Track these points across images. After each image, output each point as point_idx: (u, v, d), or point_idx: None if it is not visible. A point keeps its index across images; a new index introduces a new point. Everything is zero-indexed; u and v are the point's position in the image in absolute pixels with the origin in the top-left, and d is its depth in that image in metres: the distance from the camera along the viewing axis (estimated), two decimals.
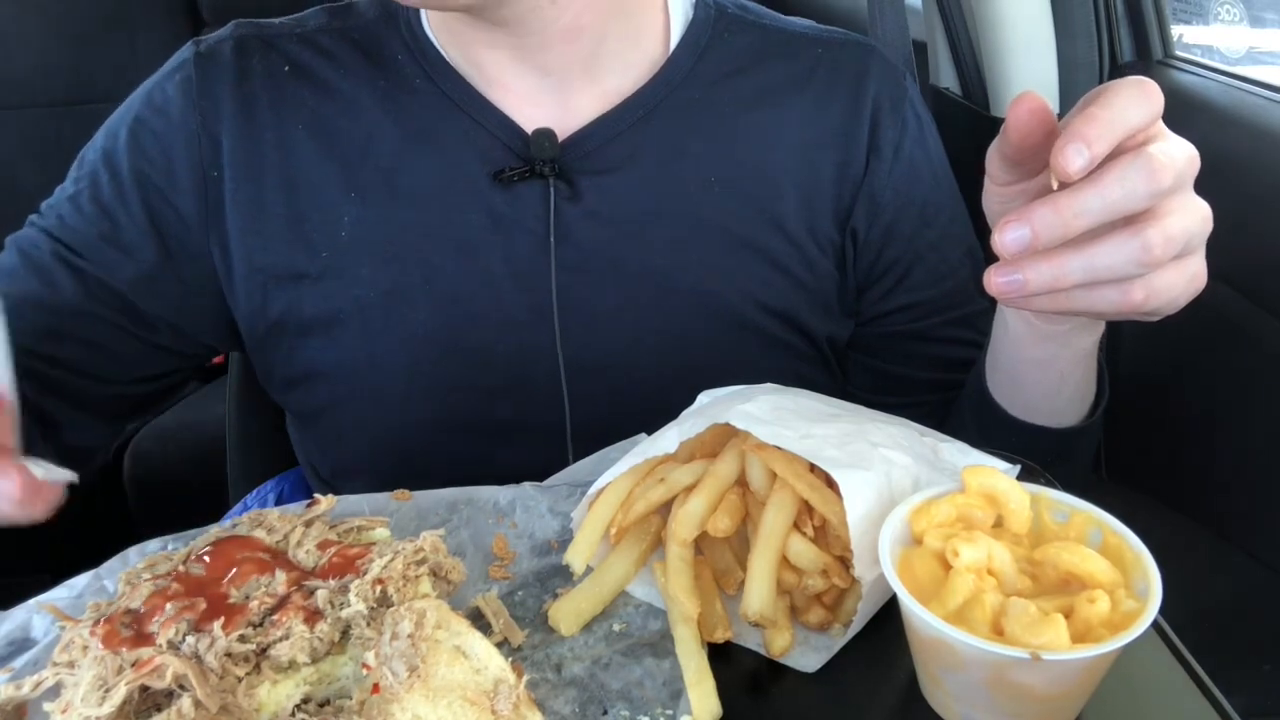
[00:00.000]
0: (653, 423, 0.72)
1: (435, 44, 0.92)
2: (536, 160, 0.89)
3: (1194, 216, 0.61)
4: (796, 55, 0.97)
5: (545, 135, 0.89)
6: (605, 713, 0.57)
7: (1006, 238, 0.58)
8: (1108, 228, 0.59)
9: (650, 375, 0.91)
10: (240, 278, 0.90)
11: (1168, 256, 0.59)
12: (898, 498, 0.60)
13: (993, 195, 0.70)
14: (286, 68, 0.92)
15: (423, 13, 0.93)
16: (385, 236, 0.89)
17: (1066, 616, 0.51)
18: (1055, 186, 0.59)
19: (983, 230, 0.73)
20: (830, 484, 0.60)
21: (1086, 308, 0.62)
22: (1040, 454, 0.78)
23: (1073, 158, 0.56)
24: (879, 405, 0.99)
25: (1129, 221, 0.59)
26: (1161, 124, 0.60)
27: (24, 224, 0.92)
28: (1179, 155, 0.59)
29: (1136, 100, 0.58)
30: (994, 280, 0.59)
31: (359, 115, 0.91)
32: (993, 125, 1.66)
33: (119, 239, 0.88)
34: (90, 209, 0.89)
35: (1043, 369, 0.83)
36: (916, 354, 0.99)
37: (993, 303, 0.78)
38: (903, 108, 0.97)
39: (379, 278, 0.89)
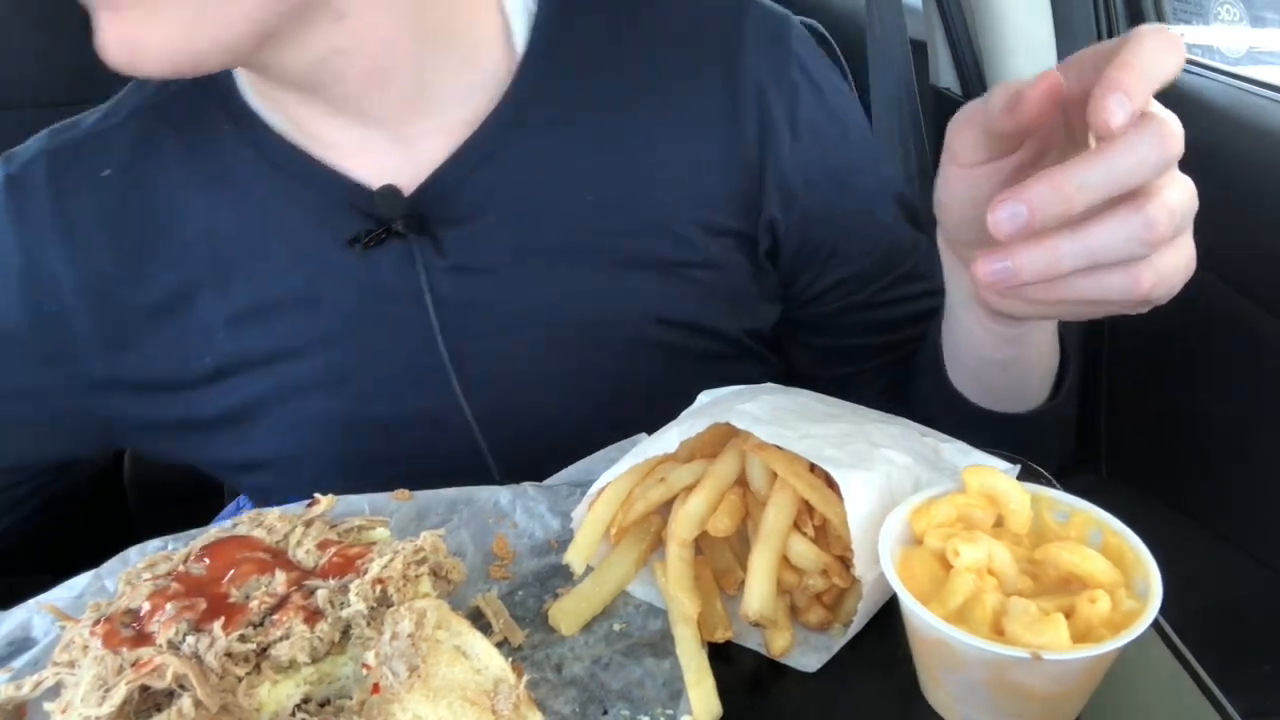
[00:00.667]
0: (581, 456, 0.73)
1: (258, 111, 0.83)
2: (389, 221, 0.80)
3: (1186, 190, 0.57)
4: (656, 31, 0.86)
5: (388, 194, 0.81)
6: (605, 712, 0.57)
7: (1000, 216, 0.53)
8: (1101, 208, 0.54)
9: (566, 414, 0.85)
10: (118, 402, 0.85)
11: (1170, 233, 0.55)
12: (898, 498, 0.60)
13: (956, 180, 0.64)
14: (106, 172, 0.83)
15: (237, 78, 0.83)
16: (260, 331, 0.83)
17: (1067, 616, 0.51)
18: (1091, 142, 0.54)
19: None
20: (831, 484, 0.60)
21: (1089, 297, 0.57)
22: (1012, 437, 0.76)
23: (1115, 110, 0.51)
24: (831, 379, 0.97)
25: (1126, 198, 0.54)
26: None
27: None
28: (1177, 121, 0.55)
29: (1166, 49, 0.53)
30: (983, 271, 0.55)
31: (196, 211, 0.83)
32: None
33: None
34: None
35: (1004, 368, 0.79)
36: (865, 322, 0.94)
37: (934, 243, 0.74)
38: (789, 72, 0.86)
39: (264, 375, 0.84)
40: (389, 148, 0.82)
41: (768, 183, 0.86)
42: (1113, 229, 0.54)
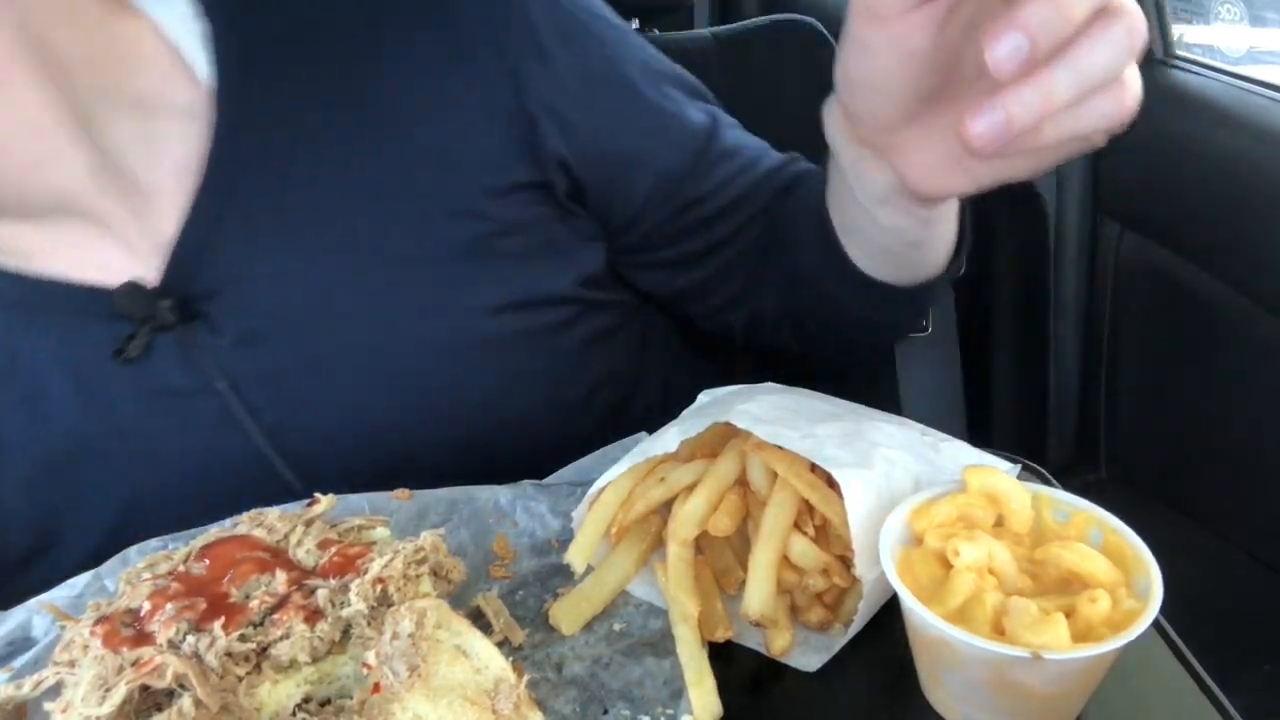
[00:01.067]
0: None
1: None
2: (146, 317, 0.72)
3: None
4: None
5: (129, 291, 0.72)
6: (606, 712, 0.57)
7: (1000, 53, 0.47)
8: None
9: (422, 451, 0.78)
10: None
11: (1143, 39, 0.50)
12: (898, 497, 0.60)
13: (875, 43, 0.55)
14: None
15: None
16: (63, 479, 0.76)
17: (1067, 616, 0.51)
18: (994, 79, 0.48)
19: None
20: (831, 483, 0.60)
21: (1072, 132, 0.51)
22: (905, 304, 0.75)
23: (1012, 53, 0.47)
24: (690, 293, 0.89)
25: (1098, 14, 0.49)
26: None
27: None
28: None
29: None
30: (973, 129, 0.49)
31: None
32: None
33: None
34: None
35: (915, 248, 0.74)
36: (697, 220, 0.85)
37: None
38: (509, 1, 0.78)
39: (85, 531, 0.76)
40: (103, 246, 0.73)
41: (536, 117, 0.78)
42: (1100, 45, 0.49)
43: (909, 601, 0.53)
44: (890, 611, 0.59)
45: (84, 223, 0.72)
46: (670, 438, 0.64)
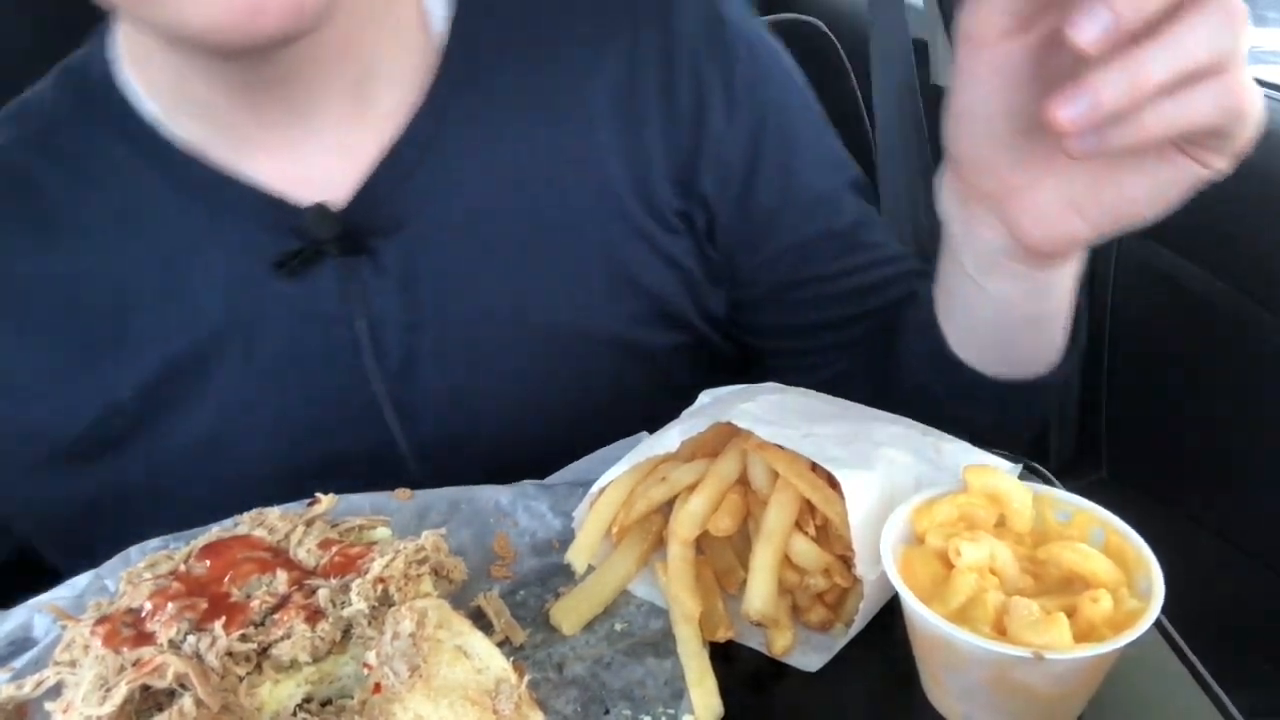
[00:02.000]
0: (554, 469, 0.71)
1: (158, 127, 0.76)
2: (321, 240, 0.75)
3: None
4: (576, 3, 0.82)
5: (318, 213, 0.75)
6: (607, 712, 0.57)
7: (1085, 31, 0.46)
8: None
9: (524, 438, 0.79)
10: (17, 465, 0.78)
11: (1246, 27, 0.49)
12: (899, 497, 0.60)
13: (980, 68, 0.57)
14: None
15: (135, 92, 0.77)
16: (187, 376, 0.77)
17: (1069, 616, 0.51)
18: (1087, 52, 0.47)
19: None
20: (832, 483, 0.60)
21: (1179, 124, 0.50)
22: (1016, 405, 0.74)
23: (1090, 24, 0.47)
24: (789, 364, 0.89)
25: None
26: None
27: None
28: None
29: None
30: (1061, 114, 0.48)
31: (94, 243, 0.76)
32: None
33: None
34: None
35: (1032, 325, 0.74)
36: (815, 298, 0.87)
37: (877, 208, 0.70)
38: (723, 35, 0.81)
39: (192, 422, 0.77)
40: (316, 149, 0.76)
41: (703, 156, 0.81)
42: (1193, 27, 0.47)
43: (910, 601, 0.53)
44: (891, 611, 0.59)
45: (304, 133, 0.76)
46: (671, 437, 0.64)
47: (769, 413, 0.64)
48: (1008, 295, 0.70)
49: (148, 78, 0.77)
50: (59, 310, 0.77)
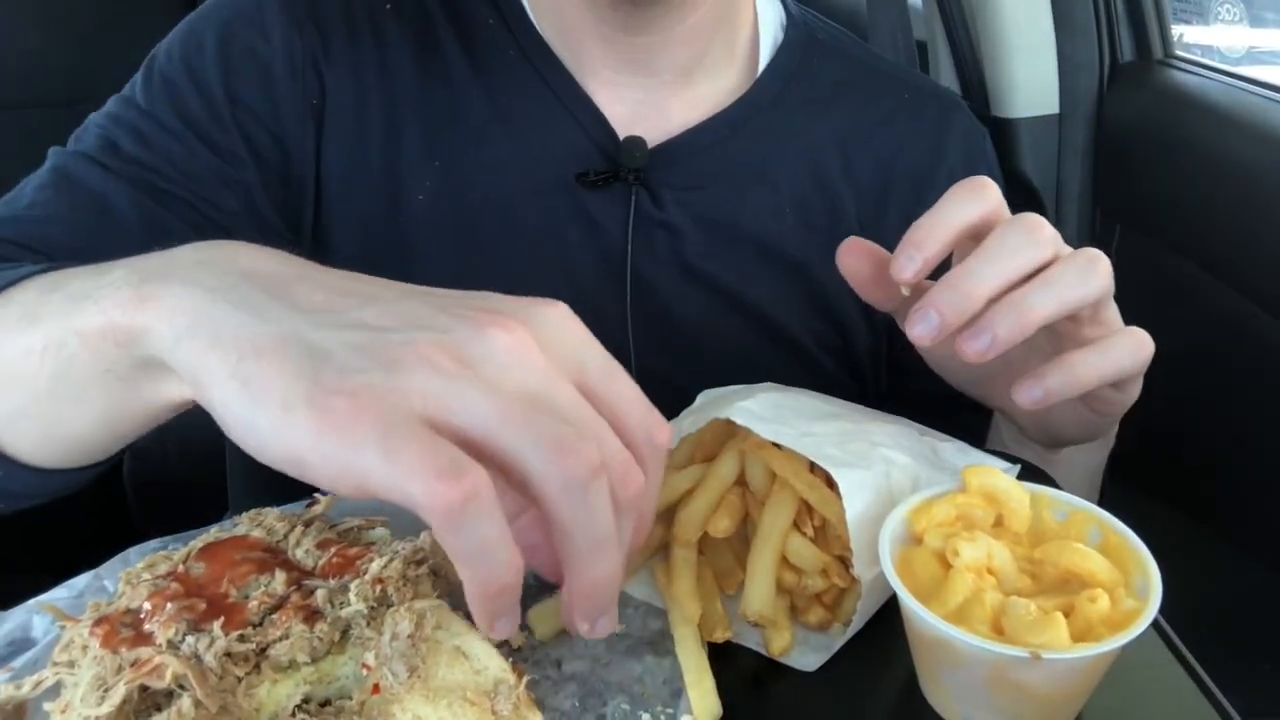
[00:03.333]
0: None
1: (530, 16, 0.88)
2: (623, 167, 0.86)
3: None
4: (881, 94, 0.96)
5: (636, 144, 0.86)
6: (605, 704, 0.57)
7: (917, 331, 0.58)
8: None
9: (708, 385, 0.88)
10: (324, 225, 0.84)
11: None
12: (897, 497, 0.60)
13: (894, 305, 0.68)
14: (389, 5, 0.86)
15: None
16: (461, 215, 0.85)
17: (1066, 615, 0.51)
18: (905, 293, 0.61)
19: None
20: (830, 483, 0.60)
21: (1035, 310, 0.59)
22: None
23: (905, 265, 0.59)
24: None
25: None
26: (1007, 210, 0.62)
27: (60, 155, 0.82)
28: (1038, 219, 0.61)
29: (964, 198, 0.61)
30: (965, 349, 0.58)
31: (450, 75, 0.86)
32: (993, 125, 1.66)
33: (216, 165, 0.80)
34: (179, 128, 0.80)
35: (1065, 480, 0.81)
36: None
37: None
38: (979, 170, 0.92)
39: (448, 257, 0.85)
40: (642, 99, 0.88)
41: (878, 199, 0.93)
42: (1064, 271, 0.60)
43: (908, 601, 0.53)
44: (890, 611, 0.59)
45: (643, 82, 0.87)
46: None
47: (767, 411, 0.64)
48: (1035, 460, 0.79)
49: None
50: (419, 102, 0.86)
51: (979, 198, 0.61)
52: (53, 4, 2.17)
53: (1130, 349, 0.63)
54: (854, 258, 0.65)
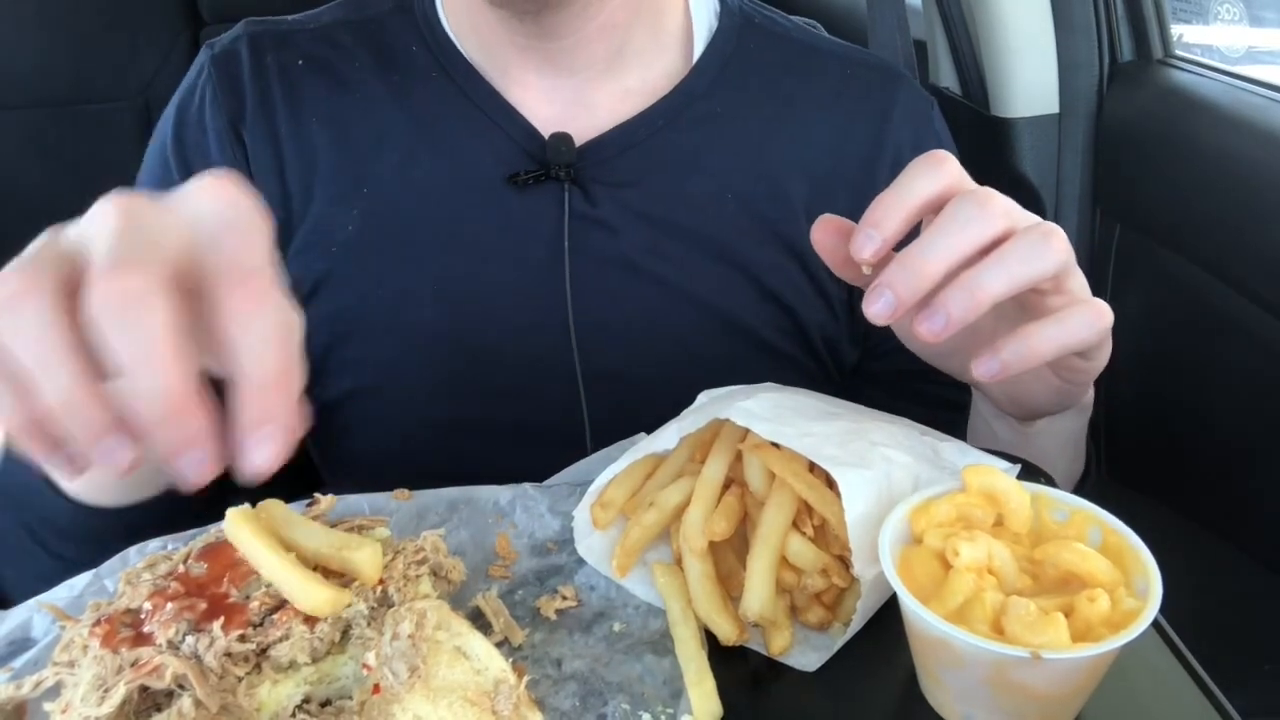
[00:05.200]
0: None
1: (452, 38, 0.91)
2: (552, 165, 0.87)
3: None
4: (821, 73, 0.96)
5: (562, 140, 0.87)
6: (606, 704, 0.57)
7: (874, 310, 0.58)
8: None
9: (666, 385, 0.84)
10: None
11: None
12: (897, 497, 0.60)
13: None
14: (300, 62, 0.91)
15: (439, 6, 0.92)
16: (394, 234, 0.88)
17: (1067, 615, 0.51)
18: (866, 271, 0.62)
19: None
20: (830, 483, 0.60)
21: (986, 285, 0.59)
22: None
23: (864, 244, 0.59)
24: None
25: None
26: (967, 183, 0.62)
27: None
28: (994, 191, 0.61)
29: (921, 174, 0.61)
30: (920, 329, 0.58)
31: (371, 109, 0.89)
32: (993, 125, 1.66)
33: None
34: None
35: (1042, 453, 0.81)
36: (919, 393, 0.95)
37: None
38: (928, 143, 0.93)
39: (387, 277, 0.88)
40: (568, 98, 0.90)
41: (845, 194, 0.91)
42: (1019, 246, 0.59)
43: (908, 601, 0.53)
44: (890, 611, 0.59)
45: (566, 82, 0.89)
46: (669, 435, 0.64)
47: (767, 410, 0.64)
48: (1011, 440, 0.81)
49: (452, 5, 0.93)
50: (338, 138, 0.90)
51: (937, 173, 0.61)
52: (53, 5, 2.18)
53: (1089, 319, 0.63)
54: (827, 235, 0.65)
